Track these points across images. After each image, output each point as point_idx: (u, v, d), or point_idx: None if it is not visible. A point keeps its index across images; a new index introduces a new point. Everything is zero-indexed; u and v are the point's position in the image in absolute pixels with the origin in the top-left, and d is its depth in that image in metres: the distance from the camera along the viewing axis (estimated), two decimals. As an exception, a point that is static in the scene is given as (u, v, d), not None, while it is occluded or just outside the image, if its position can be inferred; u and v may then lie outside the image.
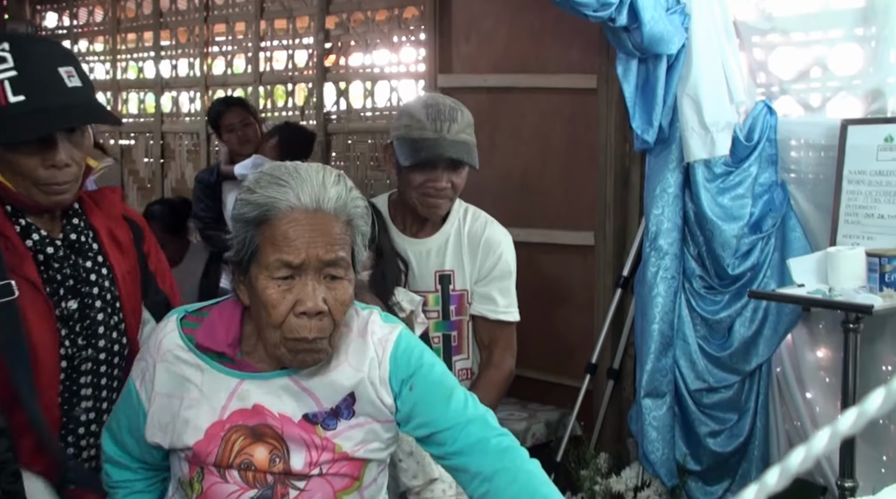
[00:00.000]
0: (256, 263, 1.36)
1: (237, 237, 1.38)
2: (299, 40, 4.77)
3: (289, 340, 1.34)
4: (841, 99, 2.88)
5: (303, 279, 1.34)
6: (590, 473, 3.08)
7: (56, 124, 1.54)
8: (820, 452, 0.49)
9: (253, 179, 1.40)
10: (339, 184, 1.39)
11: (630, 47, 2.83)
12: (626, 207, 3.34)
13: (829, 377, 2.86)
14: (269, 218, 1.34)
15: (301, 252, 1.32)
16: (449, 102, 2.23)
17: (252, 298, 1.38)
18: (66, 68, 1.56)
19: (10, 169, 1.55)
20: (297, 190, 1.34)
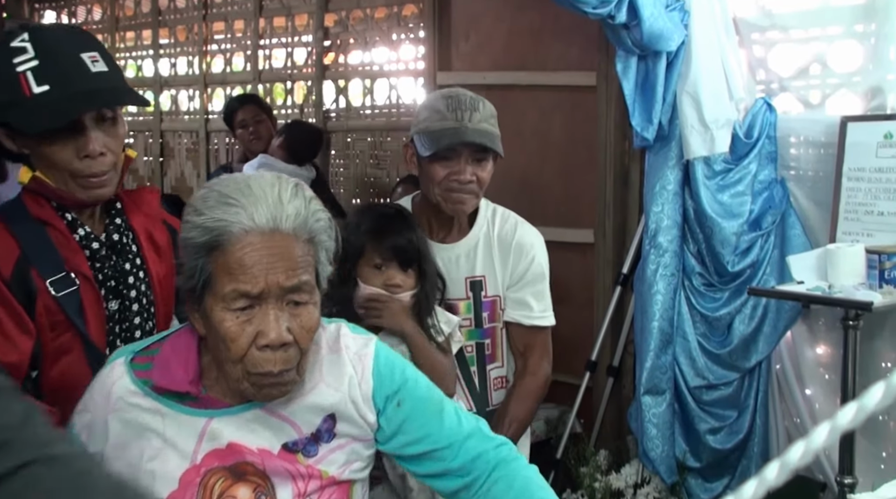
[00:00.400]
0: (211, 292, 1.23)
1: (187, 263, 1.25)
2: (298, 38, 4.77)
3: (252, 374, 1.23)
4: (840, 96, 2.88)
5: (263, 308, 1.21)
6: (590, 470, 3.08)
7: (80, 108, 1.48)
8: (819, 446, 0.49)
9: (199, 198, 1.25)
10: (297, 197, 1.25)
11: (629, 44, 2.82)
12: (626, 205, 3.34)
13: (828, 374, 2.86)
14: (220, 244, 1.21)
15: (259, 280, 1.20)
16: (469, 93, 2.14)
17: (208, 329, 1.25)
18: (90, 53, 1.51)
19: (47, 163, 1.51)
20: (249, 210, 1.20)
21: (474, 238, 2.19)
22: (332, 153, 4.61)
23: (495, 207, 2.26)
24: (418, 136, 2.12)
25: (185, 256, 1.25)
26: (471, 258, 2.17)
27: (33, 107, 1.45)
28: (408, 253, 1.94)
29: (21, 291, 1.47)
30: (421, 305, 1.98)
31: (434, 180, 2.09)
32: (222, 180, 1.27)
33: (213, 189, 1.25)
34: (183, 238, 1.25)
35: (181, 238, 1.26)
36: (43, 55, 1.47)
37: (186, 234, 1.24)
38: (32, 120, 1.46)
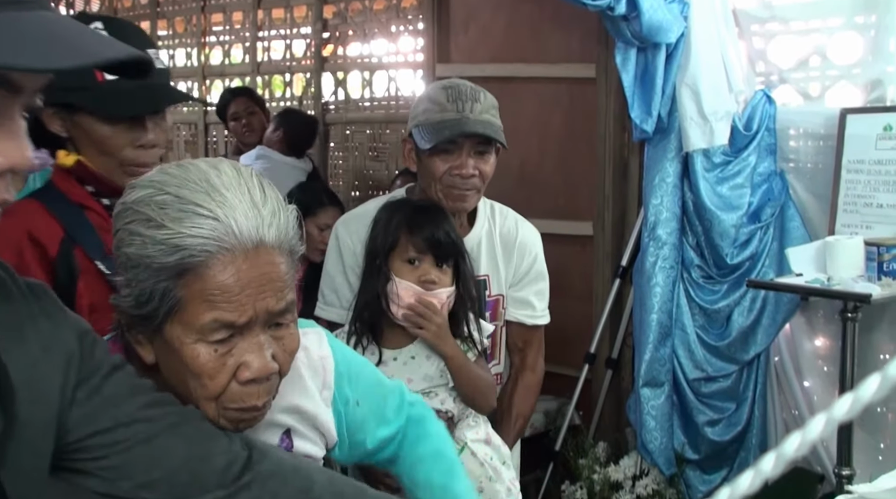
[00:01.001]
0: (177, 321, 1.01)
1: (137, 286, 1.01)
2: (297, 30, 4.76)
3: (231, 410, 1.04)
4: (840, 88, 2.88)
5: (247, 337, 1.02)
6: (588, 462, 3.09)
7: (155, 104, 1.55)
8: (815, 438, 0.49)
9: (149, 202, 1.01)
10: (269, 196, 1.04)
11: (629, 36, 2.82)
12: (625, 198, 3.34)
13: (827, 366, 2.87)
14: (194, 266, 0.98)
15: (247, 309, 1.00)
16: (470, 84, 2.05)
17: (168, 361, 1.05)
18: (153, 50, 1.57)
19: (97, 149, 1.55)
20: (227, 222, 0.99)
21: (476, 237, 2.11)
22: (330, 146, 4.60)
23: (492, 203, 2.20)
24: (417, 129, 2.01)
25: (133, 275, 1.01)
26: (474, 258, 2.06)
27: (106, 93, 1.49)
28: (444, 246, 1.84)
29: (65, 271, 1.51)
30: (457, 308, 1.88)
31: (434, 175, 1.98)
32: (168, 177, 1.03)
33: (166, 191, 1.00)
34: (132, 254, 1.01)
35: (128, 253, 1.02)
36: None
37: (139, 250, 1.00)
38: (104, 105, 1.51)
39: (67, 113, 1.55)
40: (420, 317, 1.83)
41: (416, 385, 1.82)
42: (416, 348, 1.86)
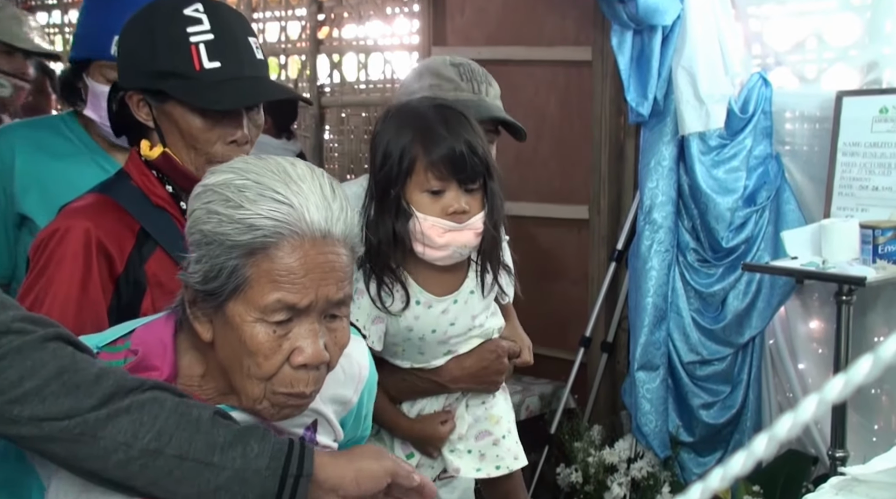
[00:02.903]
0: (241, 299, 1.06)
1: (208, 262, 1.06)
2: (292, 12, 4.73)
3: (279, 394, 1.09)
4: (836, 70, 2.87)
5: (302, 323, 1.07)
6: (583, 445, 3.10)
7: (256, 96, 1.43)
8: (807, 419, 0.49)
9: (230, 185, 1.07)
10: (337, 194, 1.10)
11: (625, 19, 2.81)
12: (621, 181, 3.34)
13: (821, 349, 2.88)
14: (266, 247, 1.04)
15: (310, 292, 1.05)
16: (476, 64, 1.89)
17: (226, 340, 1.09)
18: (254, 39, 1.45)
19: (186, 142, 1.43)
20: (300, 210, 1.05)
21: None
22: (326, 129, 4.58)
23: None
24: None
25: (206, 251, 1.06)
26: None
27: (203, 83, 1.38)
28: (471, 167, 1.50)
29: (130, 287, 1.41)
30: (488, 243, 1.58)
31: None
32: (249, 165, 1.09)
33: (246, 176, 1.07)
34: (208, 231, 1.06)
35: (204, 230, 1.07)
36: (219, 30, 1.39)
37: (216, 228, 1.05)
38: (201, 95, 1.38)
39: (158, 101, 1.43)
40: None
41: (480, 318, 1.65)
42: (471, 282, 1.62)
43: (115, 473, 1.05)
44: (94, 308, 1.38)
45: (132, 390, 1.06)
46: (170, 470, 1.04)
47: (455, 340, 1.66)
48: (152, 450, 1.04)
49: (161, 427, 1.04)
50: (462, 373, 1.66)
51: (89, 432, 1.02)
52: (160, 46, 1.39)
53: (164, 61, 1.39)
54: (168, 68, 1.39)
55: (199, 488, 1.05)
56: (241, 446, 1.06)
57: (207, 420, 1.06)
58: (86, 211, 1.42)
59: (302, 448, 1.09)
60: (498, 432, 1.73)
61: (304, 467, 1.07)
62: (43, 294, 1.37)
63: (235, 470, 1.05)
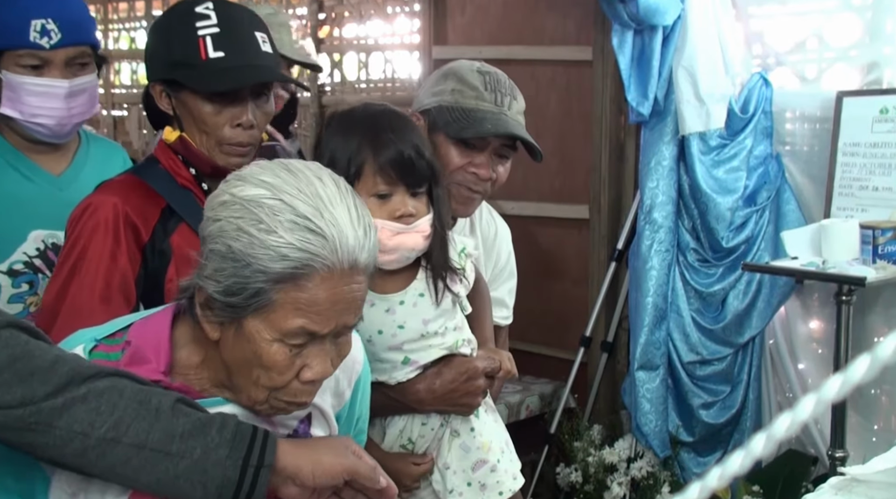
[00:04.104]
0: (262, 318, 1.07)
1: (231, 277, 1.07)
2: (293, 11, 4.73)
3: (281, 401, 1.13)
4: (837, 70, 2.87)
5: (317, 344, 1.11)
6: (583, 444, 3.10)
7: (251, 78, 1.57)
8: (805, 418, 0.49)
9: (263, 205, 1.06)
10: (362, 216, 1.11)
11: (626, 18, 2.81)
12: (621, 181, 3.34)
13: (821, 349, 2.88)
14: (296, 277, 1.05)
15: (332, 321, 1.08)
16: (505, 75, 1.83)
17: (237, 346, 1.11)
18: (261, 34, 1.60)
19: (198, 127, 1.58)
20: (334, 242, 1.05)
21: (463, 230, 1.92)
22: (326, 128, 4.58)
23: None
24: (442, 109, 1.76)
25: (231, 267, 1.06)
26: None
27: (206, 69, 1.54)
28: (418, 170, 1.50)
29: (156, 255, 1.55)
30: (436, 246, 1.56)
31: (447, 166, 1.73)
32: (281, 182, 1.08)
33: (279, 196, 1.06)
34: (237, 249, 1.06)
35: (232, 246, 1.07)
36: (224, 25, 1.56)
37: (245, 248, 1.05)
38: (204, 80, 1.54)
39: (174, 90, 1.59)
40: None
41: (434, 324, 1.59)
42: (420, 284, 1.59)
43: (72, 461, 1.06)
44: (122, 275, 1.51)
45: (89, 377, 1.06)
46: (127, 459, 1.05)
47: (410, 347, 1.57)
48: (110, 439, 1.05)
49: (119, 416, 1.05)
50: (429, 394, 1.59)
51: (44, 422, 1.03)
52: (174, 40, 1.58)
53: (177, 53, 1.57)
54: (180, 59, 1.56)
55: (158, 476, 1.06)
56: (201, 436, 1.07)
57: (168, 409, 1.07)
58: (115, 188, 1.58)
59: (265, 438, 1.10)
60: (492, 457, 1.65)
61: (265, 458, 1.09)
62: (80, 262, 1.50)
63: (195, 460, 1.06)
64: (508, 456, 1.69)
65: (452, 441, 1.63)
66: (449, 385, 1.59)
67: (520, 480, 1.69)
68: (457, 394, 1.60)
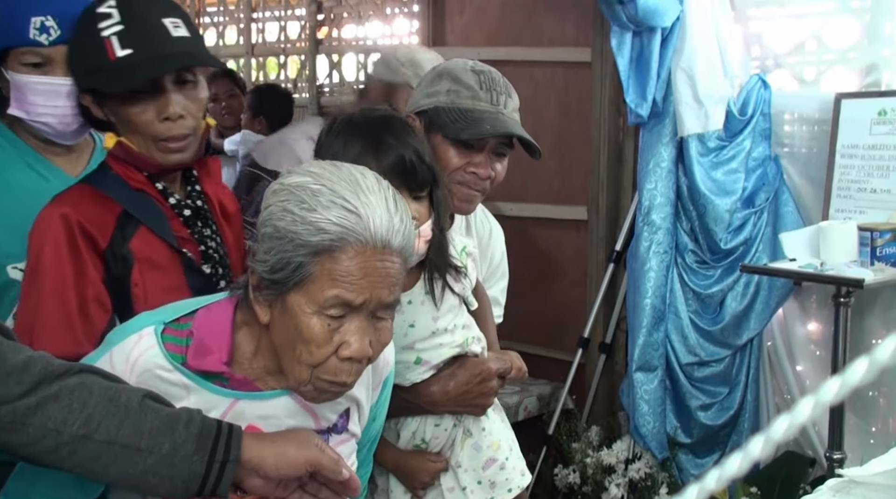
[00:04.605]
0: (303, 292, 1.16)
1: (277, 254, 1.16)
2: (291, 11, 4.73)
3: (322, 380, 1.19)
4: (835, 72, 2.87)
5: (354, 320, 1.17)
6: (581, 446, 3.10)
7: (158, 69, 1.50)
8: (803, 420, 0.49)
9: (305, 188, 1.16)
10: (399, 208, 1.20)
11: (624, 20, 2.81)
12: (620, 182, 3.34)
13: (819, 351, 2.88)
14: (332, 249, 1.14)
15: (365, 292, 1.16)
16: (499, 73, 1.83)
17: (282, 325, 1.19)
18: (172, 19, 1.54)
19: (130, 128, 1.54)
20: (367, 221, 1.15)
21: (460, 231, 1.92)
22: (325, 129, 4.58)
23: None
24: (436, 111, 1.76)
25: (277, 245, 1.16)
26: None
27: (116, 70, 1.49)
28: (419, 175, 1.51)
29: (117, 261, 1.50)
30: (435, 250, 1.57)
31: (445, 167, 1.72)
32: (325, 172, 1.19)
33: (321, 183, 1.17)
34: (281, 227, 1.16)
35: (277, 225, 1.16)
36: (127, 20, 1.51)
37: (289, 225, 1.15)
38: (115, 82, 1.49)
39: (99, 97, 1.55)
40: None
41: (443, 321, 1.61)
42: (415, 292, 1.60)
43: (45, 458, 1.10)
44: (93, 285, 1.46)
45: (60, 375, 1.11)
46: (98, 455, 1.10)
47: (421, 346, 1.59)
48: (81, 436, 1.10)
49: (90, 413, 1.10)
50: (443, 396, 1.61)
51: (19, 420, 1.08)
52: (83, 48, 1.54)
53: (88, 59, 1.53)
54: (92, 65, 1.52)
55: (128, 471, 1.11)
56: (169, 432, 1.12)
57: (136, 405, 1.12)
58: (64, 199, 1.53)
59: (230, 433, 1.15)
60: (501, 455, 1.69)
61: (230, 453, 1.14)
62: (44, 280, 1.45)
63: (163, 455, 1.11)
64: (516, 453, 1.73)
65: (465, 441, 1.67)
66: (463, 387, 1.62)
67: (527, 476, 1.74)
68: (470, 395, 1.63)
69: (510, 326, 2.39)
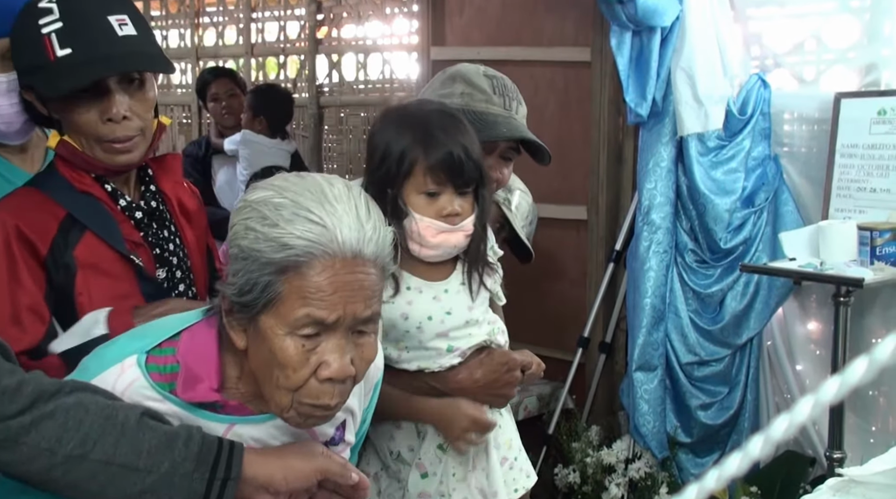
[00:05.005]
0: (273, 313, 1.10)
1: (244, 276, 1.10)
2: (291, 11, 4.73)
3: (304, 405, 1.13)
4: (835, 72, 2.87)
5: (331, 338, 1.11)
6: (581, 445, 3.10)
7: (99, 72, 1.42)
8: (803, 420, 0.49)
9: (267, 203, 1.11)
10: (372, 215, 1.13)
11: (624, 20, 2.81)
12: (619, 182, 3.34)
13: (819, 350, 2.88)
14: (298, 265, 1.08)
15: (338, 308, 1.09)
16: (508, 79, 1.88)
17: (258, 350, 1.13)
18: (118, 16, 1.46)
19: (73, 128, 1.47)
20: (334, 231, 1.08)
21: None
22: (324, 129, 4.58)
23: None
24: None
25: (242, 266, 1.10)
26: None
27: (56, 70, 1.42)
28: (467, 172, 1.54)
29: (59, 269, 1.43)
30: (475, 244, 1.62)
31: None
32: (289, 184, 1.13)
33: (284, 196, 1.11)
34: (245, 247, 1.10)
35: (241, 245, 1.11)
36: (68, 17, 1.43)
37: (252, 244, 1.09)
38: (54, 83, 1.42)
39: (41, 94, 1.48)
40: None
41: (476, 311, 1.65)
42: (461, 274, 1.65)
43: (39, 477, 1.06)
44: (29, 293, 1.40)
45: (55, 393, 1.07)
46: (94, 474, 1.06)
47: (455, 334, 1.63)
48: (77, 456, 1.06)
49: (86, 432, 1.06)
50: (471, 384, 1.64)
51: (12, 438, 1.04)
52: (22, 44, 1.47)
53: (27, 57, 1.46)
54: (31, 63, 1.45)
55: (125, 491, 1.07)
56: (168, 450, 1.09)
57: (134, 424, 1.08)
58: (4, 203, 1.46)
59: (231, 450, 1.12)
60: (511, 454, 1.73)
61: (231, 470, 1.11)
62: None
63: (161, 474, 1.08)
64: (523, 455, 1.76)
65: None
66: (491, 375, 1.65)
67: (532, 478, 1.77)
68: (497, 384, 1.66)
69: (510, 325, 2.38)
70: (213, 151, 3.98)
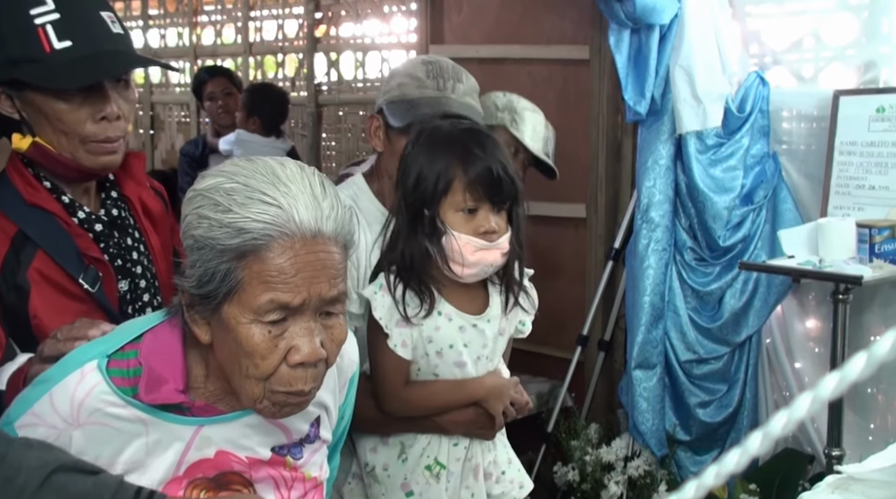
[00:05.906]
0: (236, 302, 1.06)
1: (201, 266, 1.07)
2: (289, 10, 4.73)
3: (278, 393, 1.10)
4: (834, 69, 2.87)
5: (297, 322, 1.08)
6: (580, 443, 3.10)
7: (111, 69, 1.39)
8: (802, 416, 0.49)
9: (220, 189, 1.07)
10: (328, 192, 1.10)
11: (622, 17, 2.80)
12: (618, 179, 3.34)
13: (818, 348, 2.88)
14: (256, 249, 1.04)
15: (302, 291, 1.06)
16: (451, 62, 1.88)
17: (223, 341, 1.10)
18: (108, 13, 1.42)
19: (55, 127, 1.39)
20: (290, 210, 1.05)
21: None
22: (323, 127, 4.58)
23: None
24: (390, 104, 1.82)
25: (199, 256, 1.07)
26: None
27: (54, 63, 1.35)
28: (504, 189, 1.55)
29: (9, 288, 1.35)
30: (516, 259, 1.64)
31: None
32: (238, 168, 1.09)
33: (235, 179, 1.07)
34: (199, 236, 1.06)
35: (195, 235, 1.07)
36: (64, 9, 1.37)
37: (206, 232, 1.05)
38: (55, 77, 1.35)
39: (15, 90, 1.40)
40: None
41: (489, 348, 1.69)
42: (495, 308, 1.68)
43: None
44: None
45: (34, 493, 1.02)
46: None
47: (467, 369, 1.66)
48: None
49: None
50: (464, 417, 1.68)
51: None
52: (7, 34, 1.36)
53: (14, 49, 1.37)
54: (18, 55, 1.36)
55: None
56: None
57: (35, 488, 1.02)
58: None
59: None
60: (497, 470, 1.76)
61: None
62: None
63: None
64: (514, 466, 1.79)
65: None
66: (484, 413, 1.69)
67: (527, 487, 1.79)
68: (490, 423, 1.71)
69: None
70: (210, 151, 3.99)
